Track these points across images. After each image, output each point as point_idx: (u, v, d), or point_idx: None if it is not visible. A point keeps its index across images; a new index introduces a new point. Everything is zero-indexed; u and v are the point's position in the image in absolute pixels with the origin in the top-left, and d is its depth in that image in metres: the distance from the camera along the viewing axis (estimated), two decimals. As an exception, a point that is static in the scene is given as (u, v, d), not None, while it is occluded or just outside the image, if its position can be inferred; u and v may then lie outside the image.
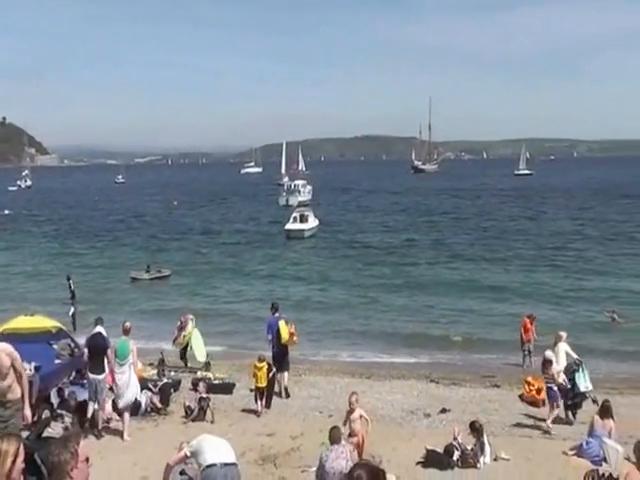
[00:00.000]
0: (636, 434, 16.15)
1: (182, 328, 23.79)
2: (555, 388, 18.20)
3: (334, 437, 12.12)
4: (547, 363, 18.52)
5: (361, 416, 14.47)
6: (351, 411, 14.62)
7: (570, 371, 19.03)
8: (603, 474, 12.71)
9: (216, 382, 21.48)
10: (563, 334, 20.21)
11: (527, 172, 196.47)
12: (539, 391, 20.66)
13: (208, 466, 9.59)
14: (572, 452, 15.66)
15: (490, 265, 48.12)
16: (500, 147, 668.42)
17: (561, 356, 19.58)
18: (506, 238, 61.71)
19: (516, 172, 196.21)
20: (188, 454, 9.92)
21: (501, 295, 38.54)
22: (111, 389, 16.89)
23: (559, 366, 18.94)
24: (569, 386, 18.53)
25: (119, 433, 16.41)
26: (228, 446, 9.97)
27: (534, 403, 20.43)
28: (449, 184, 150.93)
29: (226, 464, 9.72)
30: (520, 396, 21.12)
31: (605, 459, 14.58)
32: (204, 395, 18.44)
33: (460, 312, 34.97)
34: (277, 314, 21.20)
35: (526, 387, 21.11)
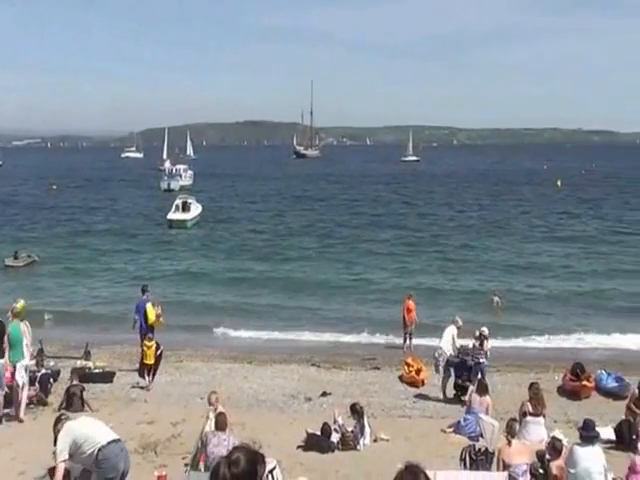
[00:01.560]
0: (512, 410, 16.81)
1: None
2: (486, 363, 19.28)
3: (219, 424, 12.07)
4: (484, 339, 19.46)
5: (221, 413, 14.27)
6: (211, 409, 14.57)
7: (465, 354, 19.74)
8: (479, 449, 13.06)
9: (96, 371, 21.09)
10: (459, 320, 20.62)
11: (414, 158, 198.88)
12: (418, 372, 21.16)
13: (103, 446, 9.40)
14: (450, 429, 16.08)
15: (359, 253, 48.19)
16: (382, 133, 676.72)
17: (448, 338, 20.04)
18: (391, 224, 61.99)
19: (403, 158, 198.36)
20: (65, 461, 9.63)
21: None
22: None
23: (446, 346, 19.57)
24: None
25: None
26: (100, 422, 9.81)
27: (413, 384, 20.84)
28: (333, 169, 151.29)
29: (116, 440, 9.59)
30: (400, 377, 21.51)
31: (482, 435, 14.99)
32: (74, 383, 18.06)
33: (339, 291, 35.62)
34: (145, 296, 21.55)
35: (406, 368, 21.51)
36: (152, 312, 20.96)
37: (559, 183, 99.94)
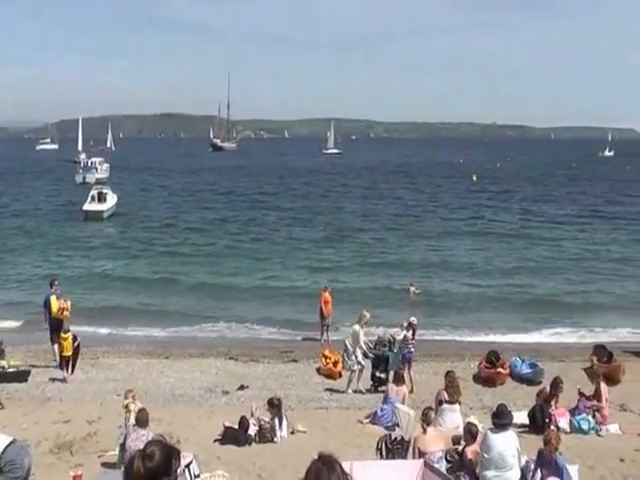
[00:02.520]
0: (429, 399, 17.05)
1: None
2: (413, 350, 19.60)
3: (141, 420, 11.92)
4: (414, 329, 19.84)
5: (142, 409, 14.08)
6: (131, 402, 14.38)
7: (382, 345, 19.93)
8: (395, 438, 13.17)
9: (10, 370, 20.58)
10: (366, 314, 20.73)
11: (336, 151, 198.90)
12: (335, 364, 21.26)
13: (2, 453, 9.14)
14: (367, 420, 16.21)
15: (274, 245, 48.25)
16: (299, 127, 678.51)
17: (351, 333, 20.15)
18: (314, 218, 61.84)
19: (324, 151, 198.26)
20: None
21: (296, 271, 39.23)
22: None
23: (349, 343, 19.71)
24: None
25: None
26: None
27: (330, 376, 20.95)
28: (251, 163, 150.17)
29: (12, 442, 9.33)
30: (317, 369, 21.59)
31: (398, 424, 15.14)
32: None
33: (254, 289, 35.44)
34: (53, 289, 21.79)
35: (323, 361, 21.61)
36: (55, 304, 21.10)
37: (475, 177, 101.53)
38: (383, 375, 19.54)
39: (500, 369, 20.68)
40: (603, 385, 16.95)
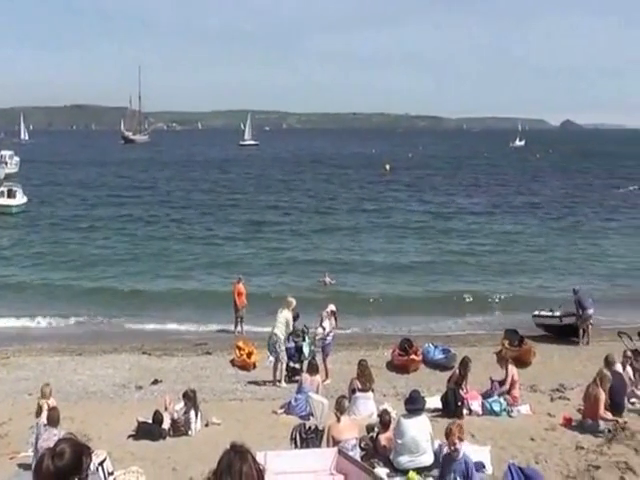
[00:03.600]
0: (342, 387, 17.19)
1: None
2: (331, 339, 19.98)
3: (52, 419, 11.71)
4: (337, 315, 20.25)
5: (54, 408, 13.77)
6: (44, 401, 14.08)
7: (296, 336, 19.98)
8: (309, 427, 13.23)
9: None
10: (292, 300, 20.72)
11: (253, 142, 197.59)
12: (249, 355, 21.26)
13: None
14: (281, 410, 16.22)
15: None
16: (213, 118, 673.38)
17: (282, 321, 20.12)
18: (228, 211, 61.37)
19: (241, 142, 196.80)
20: None
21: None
22: None
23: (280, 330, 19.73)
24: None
25: None
26: None
27: (245, 367, 20.94)
28: (165, 155, 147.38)
29: None
30: (232, 361, 21.53)
31: (312, 413, 15.20)
32: None
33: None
34: None
35: (237, 352, 21.56)
36: None
37: (387, 167, 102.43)
38: (297, 365, 19.60)
39: (413, 356, 20.99)
40: (513, 367, 17.31)
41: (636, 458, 13.01)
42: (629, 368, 17.62)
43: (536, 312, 25.40)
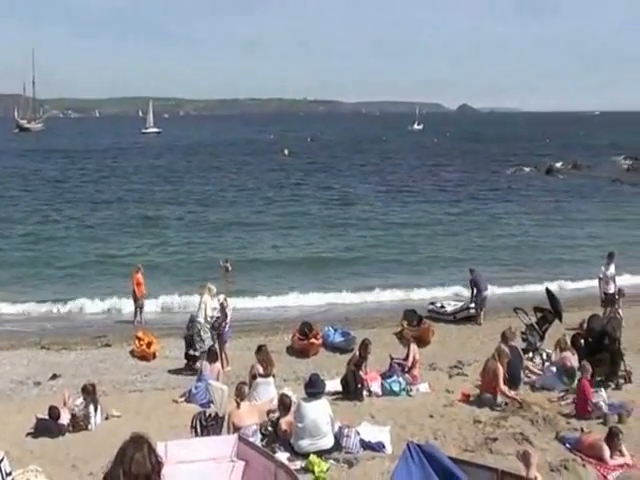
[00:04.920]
0: (243, 374, 17.25)
1: None
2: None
3: None
4: (226, 307, 20.13)
5: None
6: None
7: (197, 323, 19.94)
8: (210, 415, 13.21)
9: None
10: (212, 287, 20.63)
11: (156, 130, 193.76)
12: (149, 345, 21.08)
13: None
14: (182, 399, 16.16)
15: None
16: (110, 105, 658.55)
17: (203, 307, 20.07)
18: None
19: (144, 130, 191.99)
20: None
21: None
22: None
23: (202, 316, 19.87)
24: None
25: None
26: None
27: (145, 357, 20.72)
28: (62, 143, 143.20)
29: None
30: (131, 352, 21.29)
31: (212, 401, 15.20)
32: None
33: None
34: None
35: (136, 343, 21.32)
36: None
37: (286, 152, 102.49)
38: (197, 353, 19.52)
39: (313, 340, 21.18)
40: (415, 346, 17.66)
41: (532, 429, 13.52)
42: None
43: (430, 306, 25.76)
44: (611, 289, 23.20)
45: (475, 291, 24.69)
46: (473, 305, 24.78)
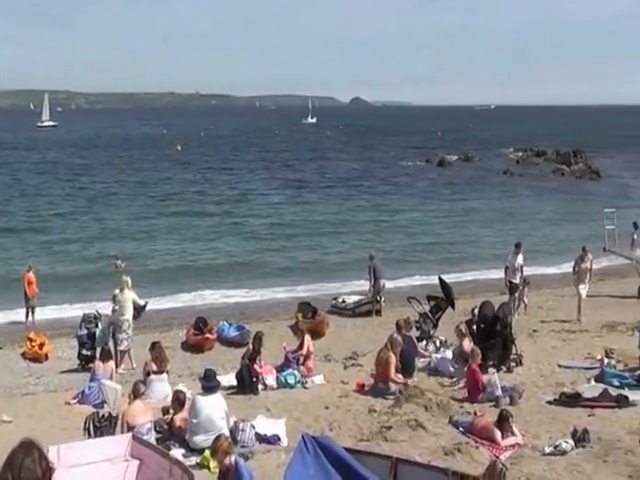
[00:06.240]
0: (137, 371, 17.05)
1: None
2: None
3: None
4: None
5: None
6: None
7: (88, 322, 19.56)
8: (103, 415, 12.97)
9: None
10: (128, 278, 20.07)
11: (52, 124, 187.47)
12: (41, 346, 20.53)
13: None
14: (74, 400, 15.80)
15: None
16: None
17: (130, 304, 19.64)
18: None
19: (39, 124, 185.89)
20: None
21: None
22: None
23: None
24: None
25: None
26: None
27: (37, 359, 20.17)
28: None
29: None
30: (23, 354, 20.67)
31: (106, 401, 14.92)
32: None
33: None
34: None
35: (28, 344, 20.72)
36: None
37: (179, 147, 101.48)
38: (90, 352, 19.08)
39: (208, 334, 21.07)
40: (309, 338, 17.71)
41: (426, 415, 13.75)
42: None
43: (333, 301, 25.93)
44: (517, 278, 23.60)
45: (373, 279, 24.85)
46: (371, 294, 24.94)
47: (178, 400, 12.95)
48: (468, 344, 17.03)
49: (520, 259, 23.68)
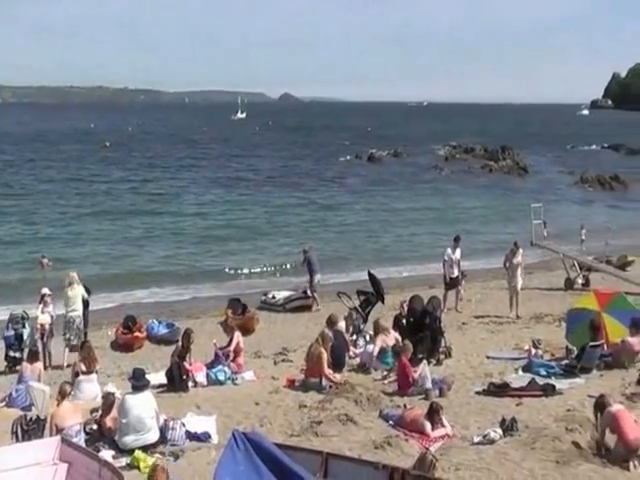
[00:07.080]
0: (66, 373, 16.75)
1: None
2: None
3: None
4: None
5: None
6: None
7: (15, 322, 19.19)
8: (31, 418, 12.72)
9: None
10: (74, 274, 19.73)
11: None
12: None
13: None
14: (2, 404, 15.46)
15: None
16: None
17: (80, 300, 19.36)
18: None
19: None
20: None
21: None
22: None
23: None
24: None
25: None
26: None
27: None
28: None
29: None
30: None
31: (33, 403, 14.64)
32: None
33: None
34: None
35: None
36: None
37: (107, 143, 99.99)
38: (18, 354, 18.68)
39: (137, 333, 20.90)
40: (239, 334, 17.65)
41: (356, 409, 13.87)
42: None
43: (263, 297, 25.90)
44: (455, 273, 23.82)
45: (311, 273, 24.89)
46: (308, 289, 25.02)
47: (107, 400, 12.85)
48: (386, 339, 17.17)
49: (458, 253, 23.95)
